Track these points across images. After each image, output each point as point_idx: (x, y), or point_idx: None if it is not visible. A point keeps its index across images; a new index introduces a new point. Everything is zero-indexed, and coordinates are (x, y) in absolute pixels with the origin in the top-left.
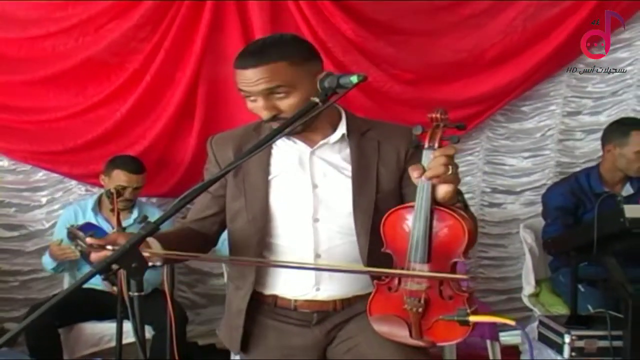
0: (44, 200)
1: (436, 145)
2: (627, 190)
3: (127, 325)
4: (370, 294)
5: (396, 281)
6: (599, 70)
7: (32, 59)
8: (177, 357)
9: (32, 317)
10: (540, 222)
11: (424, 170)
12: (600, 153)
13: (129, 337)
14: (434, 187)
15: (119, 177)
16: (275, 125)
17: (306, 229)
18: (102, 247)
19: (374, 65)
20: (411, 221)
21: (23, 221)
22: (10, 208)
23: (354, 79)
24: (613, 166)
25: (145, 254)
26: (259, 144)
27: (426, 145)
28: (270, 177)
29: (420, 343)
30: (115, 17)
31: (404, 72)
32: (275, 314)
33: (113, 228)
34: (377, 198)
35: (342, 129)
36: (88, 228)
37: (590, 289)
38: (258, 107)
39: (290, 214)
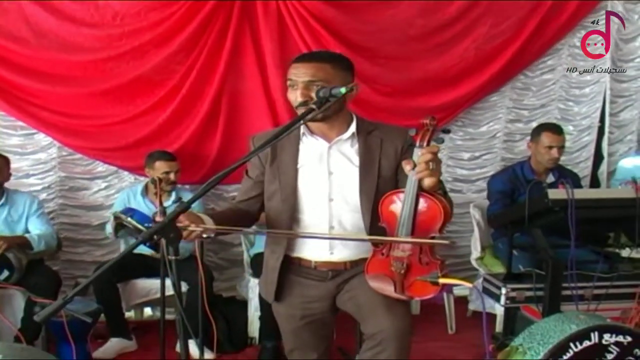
0: (103, 185)
1: (425, 144)
2: (550, 178)
3: (168, 281)
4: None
5: (385, 249)
6: (533, 88)
7: (94, 77)
8: (206, 306)
9: (97, 273)
10: (486, 202)
11: (414, 165)
12: None
13: (169, 290)
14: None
15: (162, 166)
16: (302, 110)
17: (323, 206)
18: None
19: (361, 81)
20: (401, 203)
21: (88, 202)
22: (79, 191)
23: (343, 90)
24: (535, 159)
25: (199, 229)
26: (278, 133)
27: (417, 144)
28: (298, 166)
29: (402, 297)
30: (158, 46)
31: (384, 87)
32: (300, 271)
33: (156, 207)
34: (378, 183)
35: (352, 128)
36: (128, 211)
37: (522, 253)
38: (295, 95)
39: (312, 195)
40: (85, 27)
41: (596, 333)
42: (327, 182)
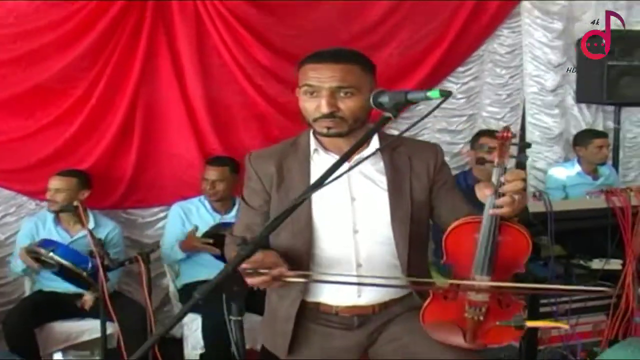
0: None
1: (504, 162)
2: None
3: (91, 323)
4: (404, 297)
5: (452, 292)
6: (459, 96)
7: None
8: (156, 347)
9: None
10: None
11: (494, 188)
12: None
13: (93, 333)
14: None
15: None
16: (326, 123)
17: (347, 240)
18: (257, 272)
19: (288, 89)
20: (476, 236)
21: None
22: None
23: (436, 93)
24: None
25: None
26: (343, 158)
27: (495, 163)
28: None
29: (472, 346)
30: (60, 49)
31: None
32: (318, 318)
33: (71, 237)
34: (412, 209)
35: (375, 144)
36: (47, 244)
37: None
38: (316, 104)
39: (332, 226)
40: None
41: None
42: (350, 209)
